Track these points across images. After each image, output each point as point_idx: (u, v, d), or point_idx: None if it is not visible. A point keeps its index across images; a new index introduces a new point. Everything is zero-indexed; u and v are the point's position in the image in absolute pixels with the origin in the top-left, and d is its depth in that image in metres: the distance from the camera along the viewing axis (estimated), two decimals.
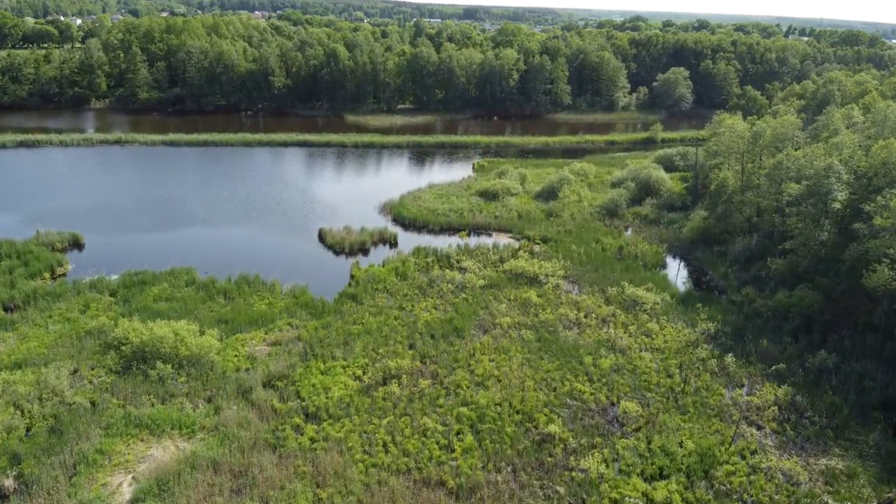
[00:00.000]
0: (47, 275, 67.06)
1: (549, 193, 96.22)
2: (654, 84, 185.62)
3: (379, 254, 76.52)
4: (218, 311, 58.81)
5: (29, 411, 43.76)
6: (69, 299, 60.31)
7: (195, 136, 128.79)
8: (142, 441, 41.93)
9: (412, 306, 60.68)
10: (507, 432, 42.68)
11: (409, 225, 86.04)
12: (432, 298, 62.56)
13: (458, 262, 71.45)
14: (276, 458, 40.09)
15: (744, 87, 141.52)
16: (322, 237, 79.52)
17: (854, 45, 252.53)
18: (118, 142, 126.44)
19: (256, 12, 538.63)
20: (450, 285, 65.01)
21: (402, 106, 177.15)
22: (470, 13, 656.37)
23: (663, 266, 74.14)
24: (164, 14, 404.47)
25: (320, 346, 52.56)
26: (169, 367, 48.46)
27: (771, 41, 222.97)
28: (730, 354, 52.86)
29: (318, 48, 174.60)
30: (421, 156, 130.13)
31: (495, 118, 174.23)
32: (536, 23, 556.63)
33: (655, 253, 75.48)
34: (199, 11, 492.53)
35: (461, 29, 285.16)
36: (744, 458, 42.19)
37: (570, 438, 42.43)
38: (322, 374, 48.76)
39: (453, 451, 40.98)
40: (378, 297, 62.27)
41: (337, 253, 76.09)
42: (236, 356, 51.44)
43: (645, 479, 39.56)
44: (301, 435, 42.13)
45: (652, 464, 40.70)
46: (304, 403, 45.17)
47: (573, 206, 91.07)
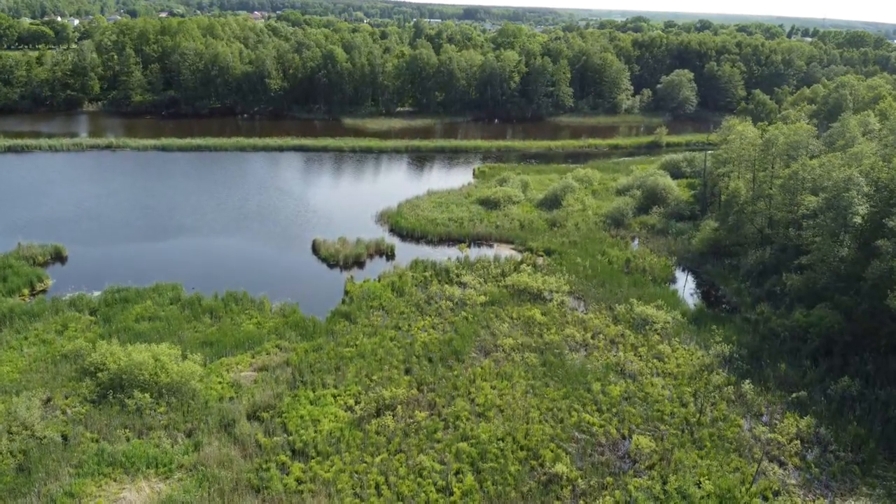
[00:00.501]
0: (26, 291, 63.80)
1: (552, 201, 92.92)
2: (658, 86, 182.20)
3: (375, 266, 73.29)
4: (203, 331, 55.53)
5: None
6: (47, 319, 56.96)
7: (188, 141, 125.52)
8: (115, 481, 38.64)
9: (409, 325, 57.40)
10: (511, 472, 39.37)
11: (407, 235, 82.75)
12: (430, 317, 59.29)
13: (457, 276, 68.17)
14: (258, 502, 36.82)
15: (752, 91, 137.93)
16: (316, 249, 76.23)
17: (859, 47, 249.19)
18: (109, 147, 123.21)
19: (256, 12, 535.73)
20: (449, 302, 61.73)
21: (401, 109, 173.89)
22: (470, 13, 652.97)
23: (672, 280, 70.84)
24: (163, 14, 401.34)
25: (310, 371, 49.28)
26: (147, 396, 45.21)
27: (775, 42, 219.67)
28: (747, 381, 49.56)
29: (315, 50, 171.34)
30: (420, 161, 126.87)
31: (496, 121, 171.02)
32: (537, 23, 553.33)
33: (664, 266, 72.20)
34: (199, 12, 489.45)
35: (461, 29, 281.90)
36: (766, 499, 38.94)
37: (579, 479, 39.12)
38: (311, 403, 45.46)
39: (452, 493, 37.69)
40: (373, 316, 58.99)
41: (331, 266, 72.80)
42: (220, 383, 48.14)
43: None
44: (287, 475, 38.83)
45: None
46: (290, 438, 41.86)
47: (577, 215, 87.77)
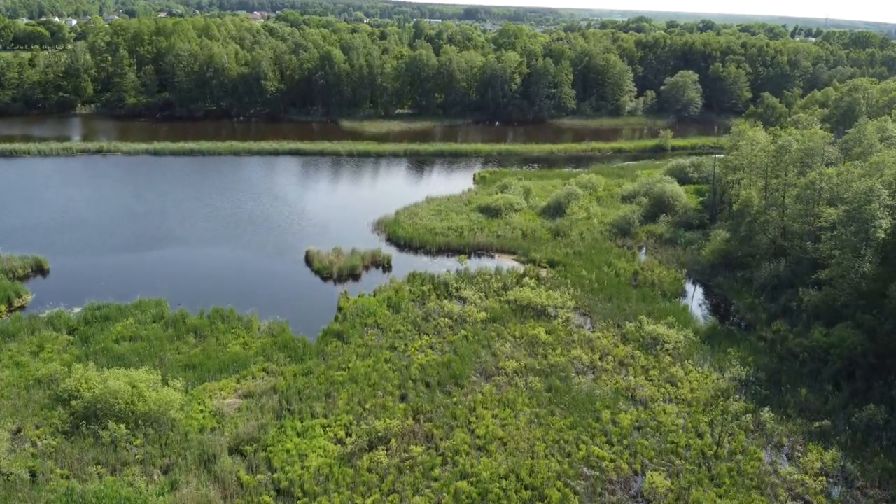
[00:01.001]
0: (3, 307, 60.53)
1: (556, 209, 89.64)
2: (662, 88, 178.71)
3: (371, 279, 70.07)
4: (187, 353, 52.31)
5: None
6: (22, 339, 53.68)
7: (181, 145, 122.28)
8: None
9: (405, 345, 54.19)
10: None
11: (405, 245, 79.52)
12: (428, 335, 56.07)
13: (457, 290, 64.94)
14: None
15: (760, 94, 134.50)
16: (309, 260, 72.99)
17: (865, 47, 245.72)
18: (100, 151, 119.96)
19: (255, 12, 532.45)
20: (448, 319, 58.49)
21: (401, 111, 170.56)
22: (471, 13, 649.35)
23: (683, 294, 67.57)
24: (162, 14, 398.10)
25: (298, 398, 46.04)
26: (123, 427, 41.97)
27: (781, 43, 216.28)
28: (766, 408, 46.33)
29: (312, 51, 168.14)
30: (419, 165, 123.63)
31: (497, 123, 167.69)
32: (538, 23, 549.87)
33: (674, 279, 68.95)
34: (198, 12, 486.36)
35: (462, 30, 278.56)
36: None
37: None
38: (298, 435, 42.23)
39: None
40: (367, 335, 55.78)
41: (324, 279, 69.56)
42: (202, 412, 44.92)
43: None
44: None
45: None
46: (275, 476, 38.60)
47: (582, 224, 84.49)
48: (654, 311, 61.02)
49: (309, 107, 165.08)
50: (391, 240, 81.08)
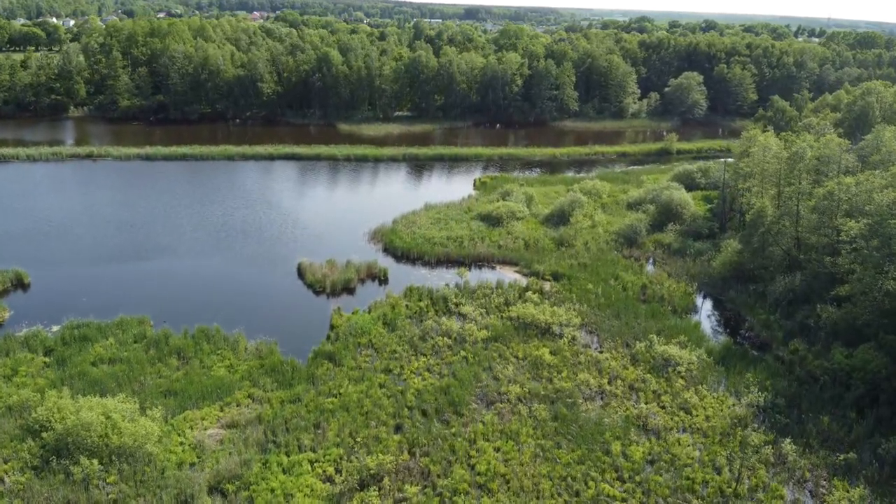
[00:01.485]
0: None
1: (559, 217, 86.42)
2: (666, 90, 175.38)
3: (366, 292, 66.95)
4: (168, 377, 49.17)
5: None
6: None
7: (173, 150, 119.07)
8: None
9: (401, 368, 51.05)
10: None
11: (402, 256, 76.34)
12: (425, 356, 52.93)
13: (456, 305, 61.81)
14: None
15: (769, 98, 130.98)
16: (301, 273, 69.83)
17: (870, 48, 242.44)
18: (90, 156, 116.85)
19: (255, 13, 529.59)
20: (446, 338, 55.30)
21: (399, 113, 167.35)
22: (471, 13, 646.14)
23: (694, 310, 64.36)
24: (161, 15, 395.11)
25: (285, 429, 42.90)
26: (96, 462, 38.83)
27: (786, 43, 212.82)
28: (787, 439, 43.13)
29: (310, 52, 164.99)
30: (418, 169, 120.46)
31: (498, 126, 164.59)
32: (539, 23, 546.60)
33: (684, 293, 65.75)
34: (197, 12, 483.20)
35: (462, 30, 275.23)
36: None
37: None
38: (284, 472, 39.05)
39: None
40: (361, 356, 52.64)
41: (317, 293, 66.37)
42: (181, 444, 41.76)
43: None
44: None
45: None
46: None
47: (586, 233, 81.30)
48: (664, 328, 57.88)
49: (306, 109, 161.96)
50: (388, 250, 77.94)
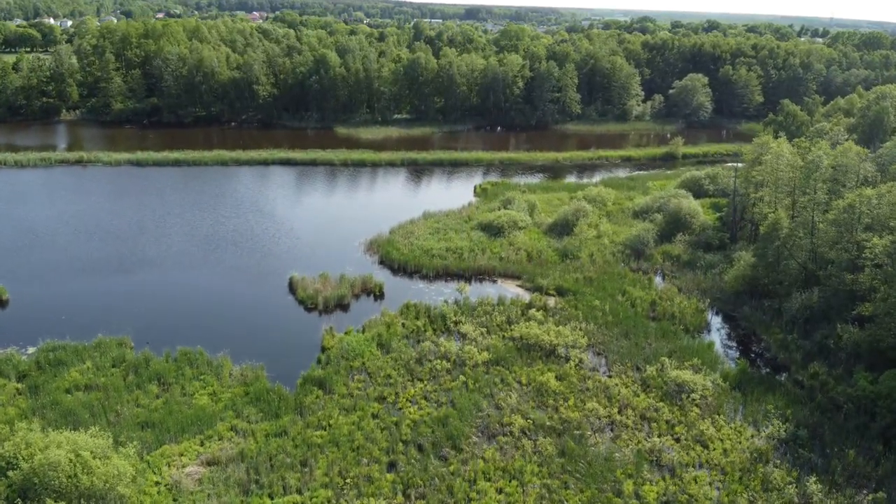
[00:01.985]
0: None
1: (563, 227, 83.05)
2: (670, 92, 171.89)
3: (361, 308, 63.68)
4: (147, 406, 45.88)
5: None
6: None
7: (165, 155, 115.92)
8: None
9: (396, 395, 47.75)
10: None
11: (399, 269, 73.03)
12: (422, 382, 49.63)
13: (455, 324, 58.52)
14: None
15: (780, 101, 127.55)
16: (293, 288, 66.54)
17: (876, 48, 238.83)
18: (79, 161, 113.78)
19: (254, 13, 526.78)
20: (445, 361, 51.99)
21: (398, 116, 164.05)
22: (472, 13, 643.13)
23: (706, 328, 61.01)
24: (160, 15, 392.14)
25: (269, 467, 39.59)
26: None
27: (792, 44, 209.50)
28: (812, 478, 39.79)
29: (306, 54, 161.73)
30: (417, 174, 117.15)
31: (499, 129, 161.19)
32: (539, 23, 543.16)
33: (696, 310, 62.38)
34: (196, 12, 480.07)
35: (462, 31, 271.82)
36: None
37: None
38: None
39: None
40: (353, 382, 49.34)
41: (309, 309, 63.03)
42: (157, 485, 38.50)
43: None
44: None
45: None
46: None
47: (592, 244, 77.98)
48: (676, 349, 54.60)
49: (303, 112, 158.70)
50: (384, 262, 74.67)
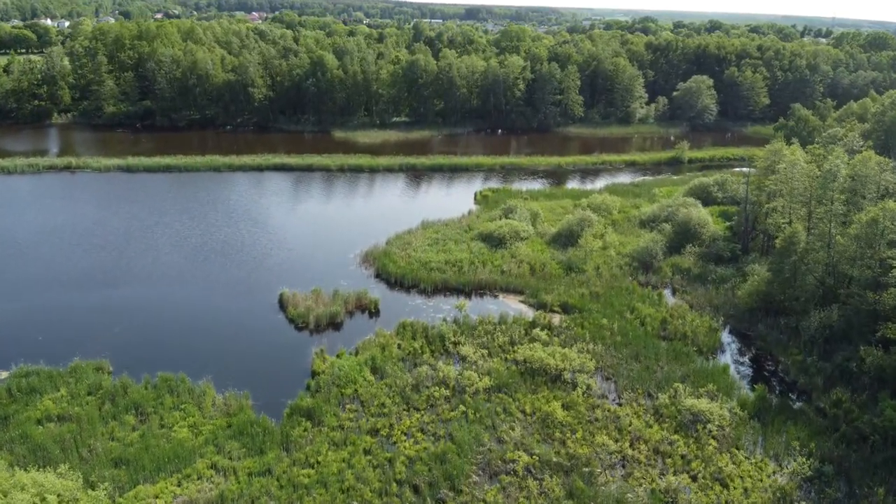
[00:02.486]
0: None
1: (567, 237, 79.73)
2: (675, 94, 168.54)
3: (354, 326, 60.38)
4: (122, 440, 42.54)
5: None
6: None
7: (156, 161, 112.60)
8: None
9: (390, 427, 44.43)
10: None
11: (396, 283, 69.67)
12: (419, 411, 46.30)
13: (454, 345, 55.21)
14: None
15: (791, 105, 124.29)
16: (283, 304, 63.20)
17: (882, 49, 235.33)
18: (68, 167, 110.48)
19: (254, 13, 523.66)
20: (443, 388, 48.68)
21: (397, 119, 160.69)
22: (472, 13, 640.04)
23: (720, 349, 57.65)
24: (159, 15, 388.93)
25: None
26: None
27: (797, 45, 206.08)
28: None
29: (303, 56, 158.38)
30: (415, 180, 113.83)
31: (499, 132, 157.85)
32: (540, 23, 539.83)
33: (708, 329, 59.04)
34: (195, 13, 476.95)
35: (462, 31, 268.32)
36: None
37: None
38: None
39: None
40: (344, 412, 46.00)
41: (300, 328, 59.70)
42: None
43: None
44: None
45: None
46: None
47: (597, 256, 74.67)
48: (689, 374, 51.31)
49: (299, 115, 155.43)
50: (380, 276, 71.33)
